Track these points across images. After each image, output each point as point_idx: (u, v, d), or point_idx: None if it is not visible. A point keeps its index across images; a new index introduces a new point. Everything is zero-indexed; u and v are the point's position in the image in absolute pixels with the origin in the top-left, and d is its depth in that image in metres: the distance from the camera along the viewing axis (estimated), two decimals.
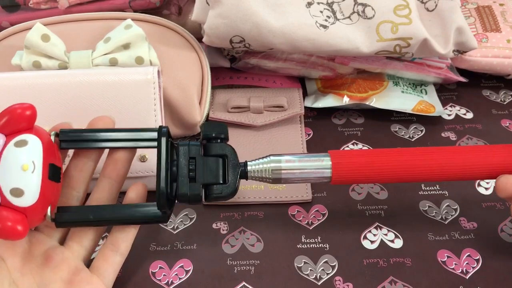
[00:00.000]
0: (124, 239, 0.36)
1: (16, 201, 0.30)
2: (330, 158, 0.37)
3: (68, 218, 0.34)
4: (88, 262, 0.36)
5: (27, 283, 0.33)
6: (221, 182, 0.36)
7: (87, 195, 0.37)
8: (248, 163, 0.37)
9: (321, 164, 0.37)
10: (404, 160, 0.37)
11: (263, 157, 0.37)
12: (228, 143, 0.37)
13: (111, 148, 0.36)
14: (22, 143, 0.31)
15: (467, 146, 0.39)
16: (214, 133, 0.37)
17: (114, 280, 0.36)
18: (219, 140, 0.36)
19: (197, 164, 0.35)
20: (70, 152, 0.37)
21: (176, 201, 0.36)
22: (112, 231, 0.36)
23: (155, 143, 0.35)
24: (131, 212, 0.35)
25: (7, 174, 0.30)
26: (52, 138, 0.34)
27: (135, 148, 0.36)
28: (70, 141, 0.35)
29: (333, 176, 0.37)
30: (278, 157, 0.37)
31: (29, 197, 0.30)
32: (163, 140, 0.35)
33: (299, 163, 0.37)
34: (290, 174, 0.37)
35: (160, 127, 0.35)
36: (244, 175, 0.37)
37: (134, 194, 0.36)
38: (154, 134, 0.35)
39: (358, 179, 0.37)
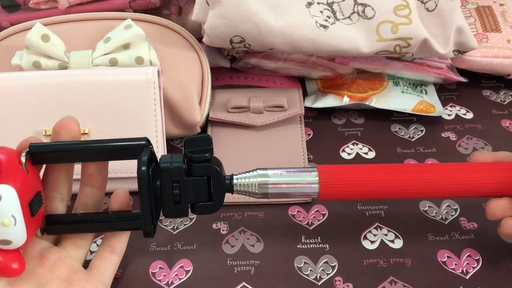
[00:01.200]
0: (118, 241, 0.36)
1: (6, 247, 0.31)
2: (317, 174, 0.36)
3: (58, 228, 0.35)
4: (85, 263, 0.36)
5: (23, 284, 0.33)
6: (207, 199, 0.35)
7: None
8: (234, 176, 0.36)
9: (308, 180, 0.36)
10: (393, 178, 0.36)
11: (249, 171, 0.36)
12: (228, 143, 0.37)
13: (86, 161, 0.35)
14: None
15: (457, 164, 0.38)
16: (197, 154, 0.34)
17: (112, 279, 0.36)
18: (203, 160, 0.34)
19: (181, 187, 0.34)
20: None
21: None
22: (106, 234, 0.37)
23: (134, 156, 0.33)
24: (118, 222, 0.35)
25: None
26: (23, 160, 0.31)
27: (118, 159, 0.34)
28: (44, 158, 0.33)
29: (320, 193, 0.36)
30: (265, 171, 0.36)
31: (18, 243, 0.31)
32: (143, 173, 0.32)
33: (286, 178, 0.36)
34: (277, 189, 0.36)
35: (139, 148, 0.33)
36: (230, 189, 0.36)
37: (117, 205, 0.36)
38: (133, 146, 0.33)
39: (347, 195, 0.37)
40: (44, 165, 0.35)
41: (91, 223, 0.35)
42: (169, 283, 0.38)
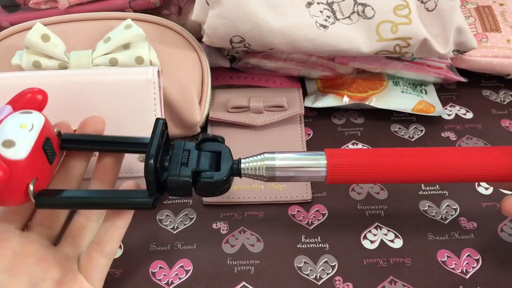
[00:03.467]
0: (109, 239, 0.34)
1: (5, 152, 0.30)
2: (325, 157, 0.36)
3: (50, 198, 0.33)
4: None
5: (15, 283, 0.33)
6: (214, 170, 0.35)
7: None
8: (242, 160, 0.36)
9: (316, 163, 0.35)
10: (401, 161, 0.36)
11: (257, 155, 0.37)
12: (228, 143, 0.37)
13: (104, 151, 0.38)
14: (27, 112, 0.33)
15: (466, 148, 0.38)
16: (211, 135, 0.37)
17: (103, 280, 0.35)
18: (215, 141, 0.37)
19: (190, 155, 0.35)
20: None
21: (168, 194, 0.35)
22: (98, 230, 0.35)
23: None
24: (116, 197, 0.34)
25: (5, 130, 0.31)
26: (56, 131, 0.35)
27: (131, 152, 0.38)
28: (70, 143, 0.36)
29: (328, 176, 0.36)
30: (272, 154, 0.36)
31: (19, 151, 0.30)
32: (160, 123, 0.35)
33: (294, 161, 0.36)
34: (285, 172, 0.36)
35: (158, 118, 0.36)
36: (238, 172, 0.36)
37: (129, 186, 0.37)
38: (147, 139, 0.35)
39: (354, 179, 0.37)
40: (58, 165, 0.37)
41: (86, 198, 0.34)
42: (169, 282, 0.38)
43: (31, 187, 0.32)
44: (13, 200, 0.32)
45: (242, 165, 0.36)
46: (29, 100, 0.33)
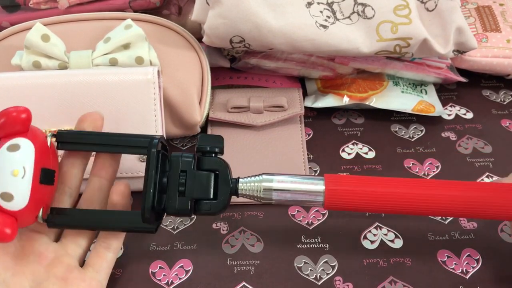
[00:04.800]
0: (115, 237, 0.37)
1: (6, 205, 0.30)
2: (324, 183, 0.35)
3: (60, 221, 0.35)
4: (82, 262, 0.37)
5: (18, 282, 0.33)
6: (211, 197, 0.35)
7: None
8: (240, 179, 0.36)
9: (314, 188, 0.35)
10: (401, 193, 0.35)
11: (255, 175, 0.36)
12: (228, 143, 0.37)
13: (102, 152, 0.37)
14: (15, 148, 0.31)
15: (469, 183, 0.36)
16: (208, 147, 0.36)
17: (108, 276, 0.36)
18: (213, 154, 0.36)
19: (187, 178, 0.35)
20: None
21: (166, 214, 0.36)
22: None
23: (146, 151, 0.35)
24: (121, 220, 0.36)
25: None
26: (48, 139, 0.34)
27: (130, 153, 0.38)
28: (67, 143, 0.36)
29: (325, 203, 0.35)
30: (271, 176, 0.36)
31: (19, 202, 0.31)
32: (153, 153, 0.34)
33: (292, 184, 0.35)
34: (282, 195, 0.35)
35: (152, 138, 0.35)
36: (235, 192, 0.36)
37: (118, 197, 0.36)
38: (146, 142, 0.35)
39: (353, 207, 0.36)
40: (60, 159, 0.37)
41: (93, 220, 0.35)
42: (169, 283, 0.38)
43: (40, 215, 0.34)
44: (24, 226, 0.34)
45: (240, 185, 0.36)
46: (14, 121, 0.32)
